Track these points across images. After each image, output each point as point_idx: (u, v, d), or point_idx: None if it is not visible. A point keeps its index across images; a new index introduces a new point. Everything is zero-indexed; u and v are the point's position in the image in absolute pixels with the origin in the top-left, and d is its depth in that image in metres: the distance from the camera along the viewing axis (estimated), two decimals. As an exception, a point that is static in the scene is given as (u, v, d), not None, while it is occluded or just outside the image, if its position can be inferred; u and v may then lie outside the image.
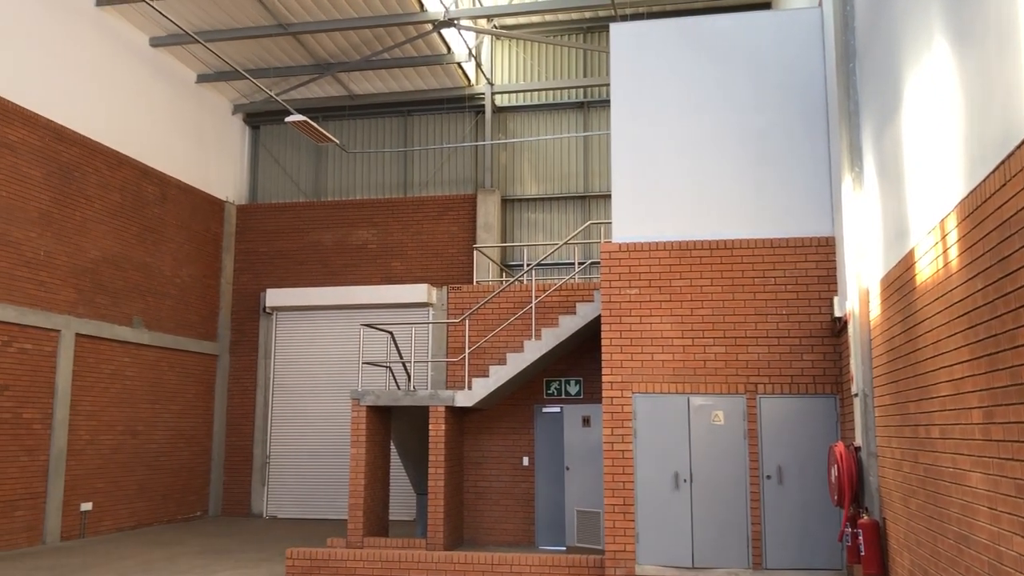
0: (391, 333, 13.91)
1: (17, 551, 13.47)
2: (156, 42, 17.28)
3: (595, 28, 19.47)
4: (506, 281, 15.57)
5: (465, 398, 12.24)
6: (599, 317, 11.95)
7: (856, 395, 8.27)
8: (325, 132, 16.91)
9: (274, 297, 19.29)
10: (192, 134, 18.83)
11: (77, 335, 15.07)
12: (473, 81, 19.80)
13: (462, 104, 20.08)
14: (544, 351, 12.16)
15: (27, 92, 14.12)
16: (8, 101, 13.71)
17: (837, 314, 9.73)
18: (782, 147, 10.60)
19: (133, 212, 16.70)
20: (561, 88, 19.47)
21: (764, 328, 10.32)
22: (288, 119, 16.08)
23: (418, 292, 18.48)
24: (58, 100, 14.83)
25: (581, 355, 13.35)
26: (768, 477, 10.08)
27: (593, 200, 19.37)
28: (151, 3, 12.43)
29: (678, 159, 10.79)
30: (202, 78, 18.96)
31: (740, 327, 10.36)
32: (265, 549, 13.77)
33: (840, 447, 8.27)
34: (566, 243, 14.21)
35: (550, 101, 19.84)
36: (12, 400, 13.63)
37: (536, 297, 13.29)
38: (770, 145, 10.62)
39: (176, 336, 17.83)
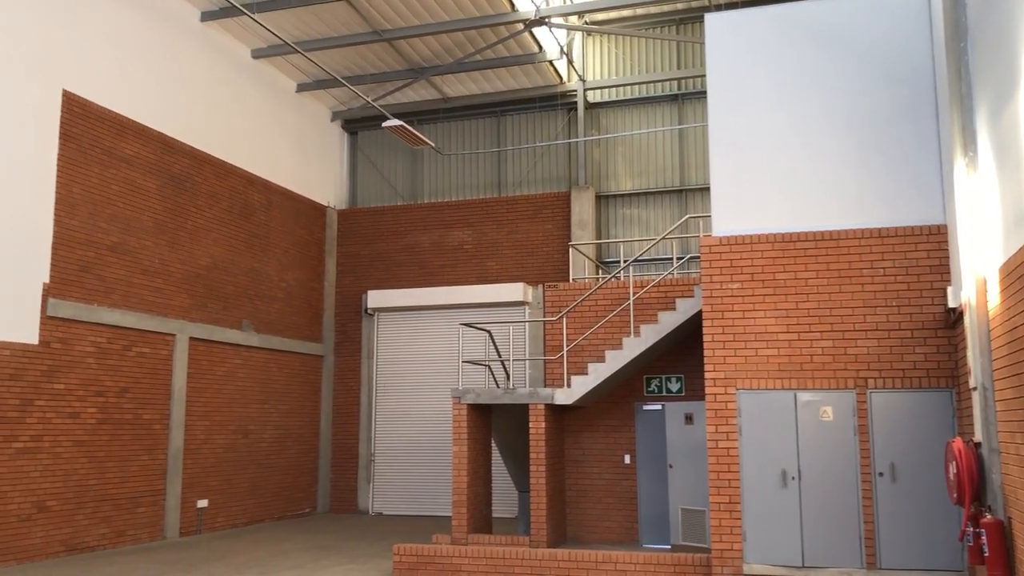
0: (489, 332, 14.03)
1: (140, 546, 14.14)
2: (257, 54, 17.86)
3: (688, 19, 19.18)
4: (603, 278, 15.49)
5: (564, 396, 12.24)
6: (700, 312, 11.77)
7: (975, 389, 7.92)
8: (420, 135, 17.16)
9: (375, 298, 19.71)
10: (294, 142, 19.40)
11: (191, 339, 15.71)
12: (565, 78, 19.78)
13: (554, 102, 20.08)
14: (643, 348, 12.06)
15: (139, 107, 14.80)
16: (123, 116, 14.40)
17: (951, 304, 9.33)
18: (887, 133, 10.23)
19: (241, 219, 17.31)
20: (655, 81, 19.26)
21: (873, 321, 9.98)
22: (385, 124, 16.39)
23: (514, 291, 18.58)
24: (168, 113, 15.49)
25: (682, 352, 13.18)
26: (880, 474, 9.75)
27: (690, 194, 19.09)
28: (253, 16, 12.86)
29: (779, 149, 10.54)
30: (302, 87, 19.51)
31: (848, 320, 10.06)
32: (373, 545, 14.08)
33: (958, 443, 7.93)
34: (664, 238, 14.05)
35: (643, 95, 19.65)
36: (133, 402, 14.32)
37: (634, 294, 13.18)
38: (874, 131, 10.27)
39: (283, 338, 18.41)
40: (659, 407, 13.17)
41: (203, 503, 15.76)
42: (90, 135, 13.73)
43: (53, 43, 13.13)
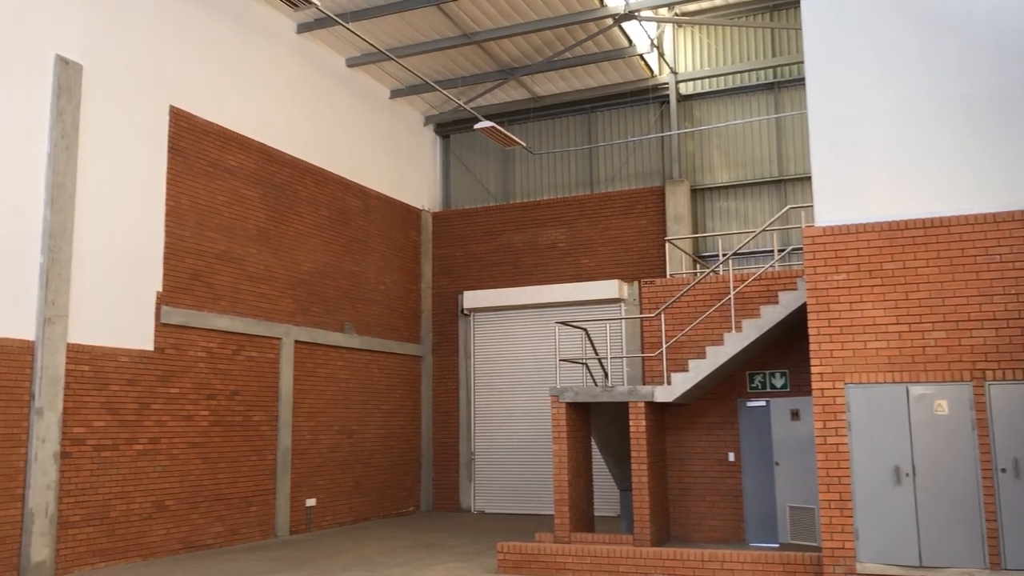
0: (586, 330, 13.98)
1: (252, 544, 14.62)
2: (352, 62, 18.25)
3: (782, 5, 18.70)
4: (701, 273, 15.25)
5: (664, 393, 12.10)
6: (804, 306, 11.46)
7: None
8: (512, 136, 17.25)
9: (470, 299, 19.90)
10: (388, 148, 19.75)
11: (296, 342, 16.17)
12: (656, 72, 19.56)
13: (646, 96, 19.88)
14: (745, 343, 11.81)
15: (241, 119, 15.30)
16: (226, 129, 14.91)
17: (1077, 291, 8.83)
18: (1000, 114, 9.75)
19: (339, 225, 17.72)
20: (749, 71, 18.85)
21: (990, 310, 9.53)
22: (477, 126, 16.54)
23: (609, 288, 18.48)
24: (268, 124, 15.97)
25: (786, 346, 12.86)
26: (1003, 470, 9.30)
27: (789, 184, 18.62)
28: (348, 26, 13.13)
29: (883, 134, 10.17)
30: (395, 93, 19.85)
31: (962, 310, 9.63)
32: (476, 543, 14.21)
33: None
34: (764, 230, 13.73)
35: (737, 85, 19.26)
36: (243, 404, 14.82)
37: (734, 288, 12.93)
38: (986, 113, 9.80)
39: (383, 340, 18.76)
40: (763, 403, 12.88)
41: (311, 502, 16.21)
42: (196, 148, 14.27)
43: (160, 61, 13.70)
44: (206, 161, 14.45)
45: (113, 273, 12.61)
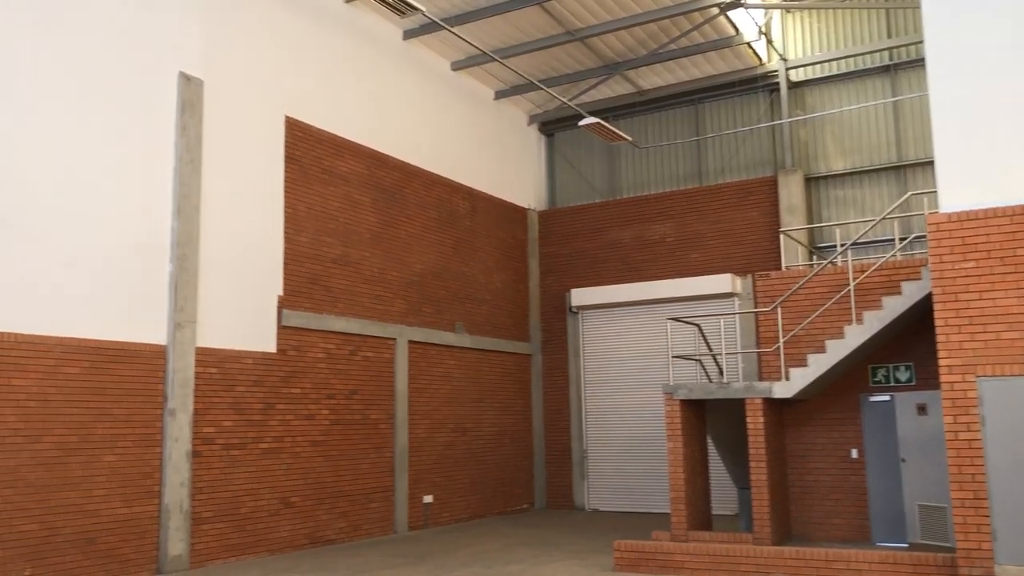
0: (698, 326, 13.76)
1: (373, 539, 15.00)
2: (457, 66, 18.49)
3: (897, -17, 17.95)
4: (818, 264, 14.79)
5: (783, 389, 11.79)
6: (929, 296, 10.97)
7: None
8: (617, 131, 17.14)
9: (578, 296, 19.88)
10: (494, 148, 19.93)
11: (409, 342, 16.50)
12: (765, 59, 19.08)
13: (754, 85, 19.42)
14: (867, 336, 11.39)
15: (351, 126, 15.71)
16: (338, 136, 15.34)
17: None
18: None
19: (448, 226, 17.99)
20: (863, 53, 18.16)
21: None
22: (582, 123, 16.50)
23: (721, 282, 18.14)
24: (377, 130, 16.35)
25: (910, 338, 12.33)
26: None
27: (909, 169, 17.86)
28: (453, 30, 13.31)
29: (1014, 113, 9.63)
30: (499, 94, 20.00)
31: (1108, 296, 9.03)
32: (592, 541, 14.19)
33: None
34: (884, 218, 13.21)
35: (851, 69, 18.58)
36: (361, 403, 15.22)
37: (854, 279, 12.49)
38: None
39: (493, 338, 18.95)
40: (887, 398, 12.39)
41: (428, 499, 16.52)
42: (310, 156, 14.74)
43: (275, 74, 14.20)
44: (320, 168, 14.90)
45: (237, 279, 13.15)
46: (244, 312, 13.21)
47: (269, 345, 13.58)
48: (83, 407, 10.87)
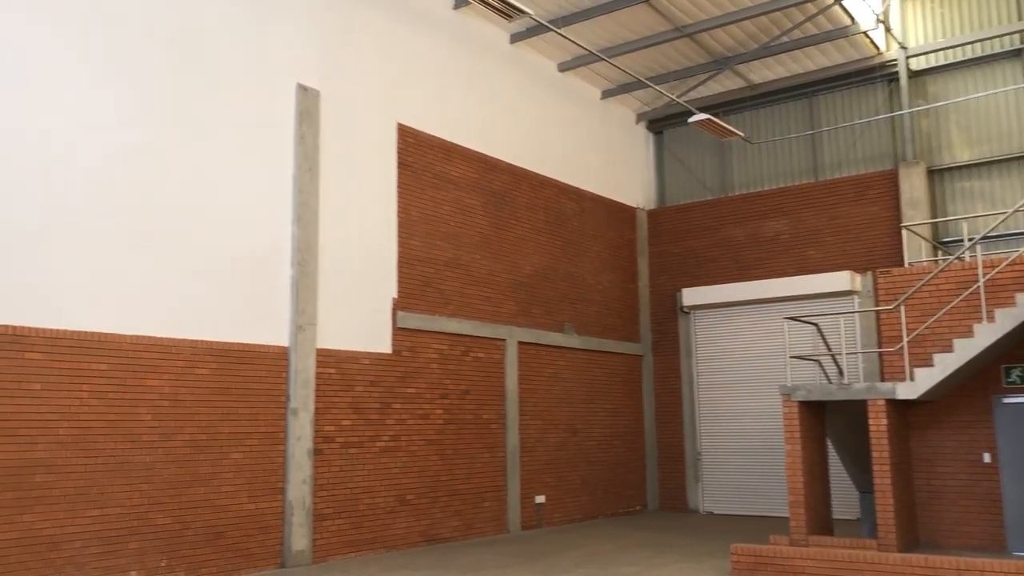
0: (816, 325, 13.36)
1: (486, 538, 15.17)
2: (564, 67, 18.51)
3: (1028, -38, 16.99)
4: (943, 260, 14.15)
5: (907, 390, 11.33)
6: (1068, 291, 10.34)
7: None
8: (728, 127, 16.82)
9: (690, 296, 19.59)
10: (601, 148, 19.86)
11: (519, 343, 16.62)
12: (883, 48, 18.37)
13: (872, 75, 18.71)
14: (999, 335, 10.83)
15: (461, 131, 15.94)
16: (448, 141, 15.59)
17: None
18: None
19: (556, 227, 18.03)
20: (992, 37, 17.23)
21: None
22: (691, 120, 16.27)
23: (839, 280, 17.56)
24: (486, 134, 16.53)
25: (1046, 336, 11.66)
26: None
27: (1044, 158, 16.87)
28: (560, 32, 13.34)
29: None
30: (606, 93, 19.92)
31: None
32: (707, 544, 13.97)
33: None
34: (1016, 211, 12.53)
35: (978, 55, 17.68)
36: (473, 403, 15.42)
37: (984, 275, 11.88)
38: None
39: (602, 339, 18.88)
40: (1023, 400, 11.74)
41: (540, 499, 16.59)
42: (422, 161, 15.03)
43: (387, 82, 14.55)
44: (431, 173, 15.18)
45: (353, 282, 13.53)
46: (361, 314, 13.58)
47: (385, 346, 13.91)
48: (211, 406, 11.39)
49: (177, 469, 10.91)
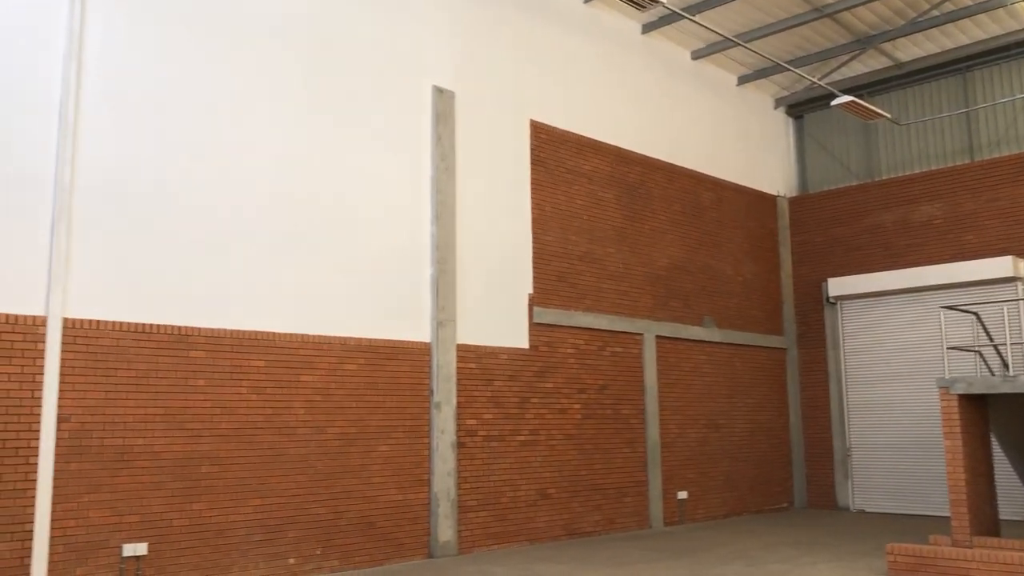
0: (976, 314, 12.60)
1: (628, 533, 15.09)
2: (697, 54, 18.16)
3: None
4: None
5: (1083, 381, 10.52)
6: None
7: None
8: (874, 108, 16.09)
9: (836, 286, 18.85)
10: (738, 136, 19.37)
11: (657, 337, 16.43)
12: (1046, 16, 17.12)
13: (1034, 45, 17.47)
14: None
15: (593, 124, 15.89)
16: (581, 136, 15.58)
17: None
18: None
19: (693, 219, 17.72)
20: None
21: None
22: (834, 102, 15.66)
23: (1000, 266, 16.49)
24: (619, 127, 16.41)
25: None
26: None
27: None
28: (694, 19, 13.10)
29: None
30: (742, 79, 19.41)
31: None
32: (859, 543, 13.42)
33: None
34: None
35: None
36: (611, 398, 15.37)
37: None
38: None
39: (744, 332, 18.42)
40: None
41: (683, 494, 16.36)
42: (555, 157, 15.08)
43: (520, 80, 14.68)
44: (564, 168, 15.21)
45: (490, 278, 13.73)
46: (498, 310, 13.76)
47: (522, 341, 14.05)
48: (360, 400, 11.81)
49: (329, 461, 11.38)
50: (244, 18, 11.24)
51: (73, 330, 9.43)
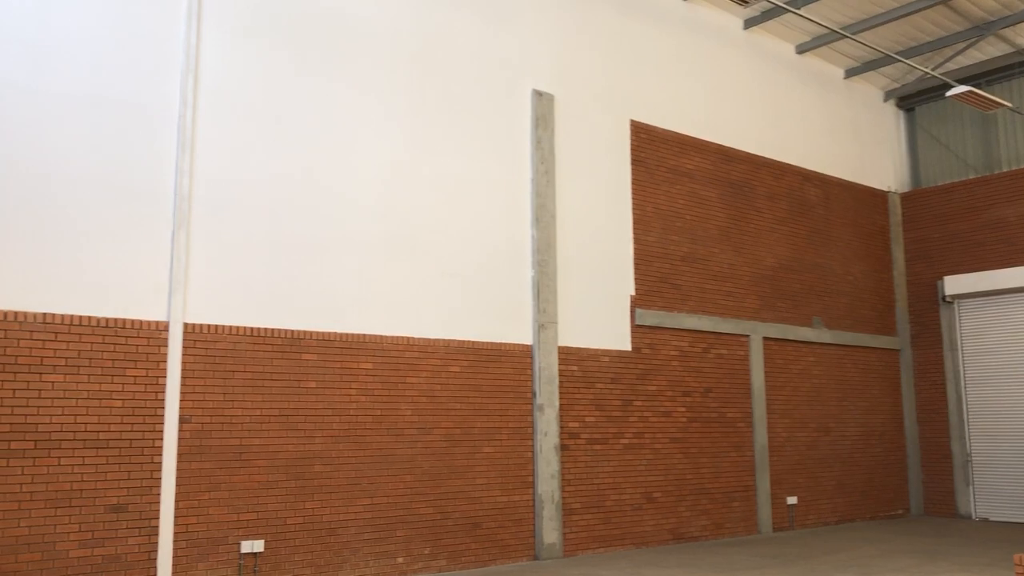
0: (1111, 310, 11.85)
1: (736, 539, 14.79)
2: (802, 48, 17.69)
3: None
4: None
5: None
6: None
7: None
8: (993, 98, 15.37)
9: (953, 284, 18.04)
10: (846, 130, 18.77)
11: (764, 338, 16.06)
12: None
13: None
14: None
15: (694, 123, 15.66)
16: (682, 134, 15.37)
17: None
18: None
19: (800, 216, 17.25)
20: None
21: None
22: (950, 93, 15.04)
23: None
24: (721, 124, 16.13)
25: None
26: None
27: None
28: (799, 13, 12.77)
29: None
30: (850, 72, 18.81)
31: None
32: (983, 553, 12.80)
33: None
34: None
35: None
36: (716, 401, 15.10)
37: None
38: None
39: (854, 333, 17.82)
40: None
41: (792, 499, 15.93)
42: (655, 157, 14.93)
43: (618, 80, 14.60)
44: (665, 168, 15.04)
45: (591, 280, 13.69)
46: (599, 312, 13.71)
47: (624, 343, 13.95)
48: (464, 402, 11.95)
49: (435, 462, 11.55)
50: (351, 31, 11.54)
51: (193, 334, 9.86)
